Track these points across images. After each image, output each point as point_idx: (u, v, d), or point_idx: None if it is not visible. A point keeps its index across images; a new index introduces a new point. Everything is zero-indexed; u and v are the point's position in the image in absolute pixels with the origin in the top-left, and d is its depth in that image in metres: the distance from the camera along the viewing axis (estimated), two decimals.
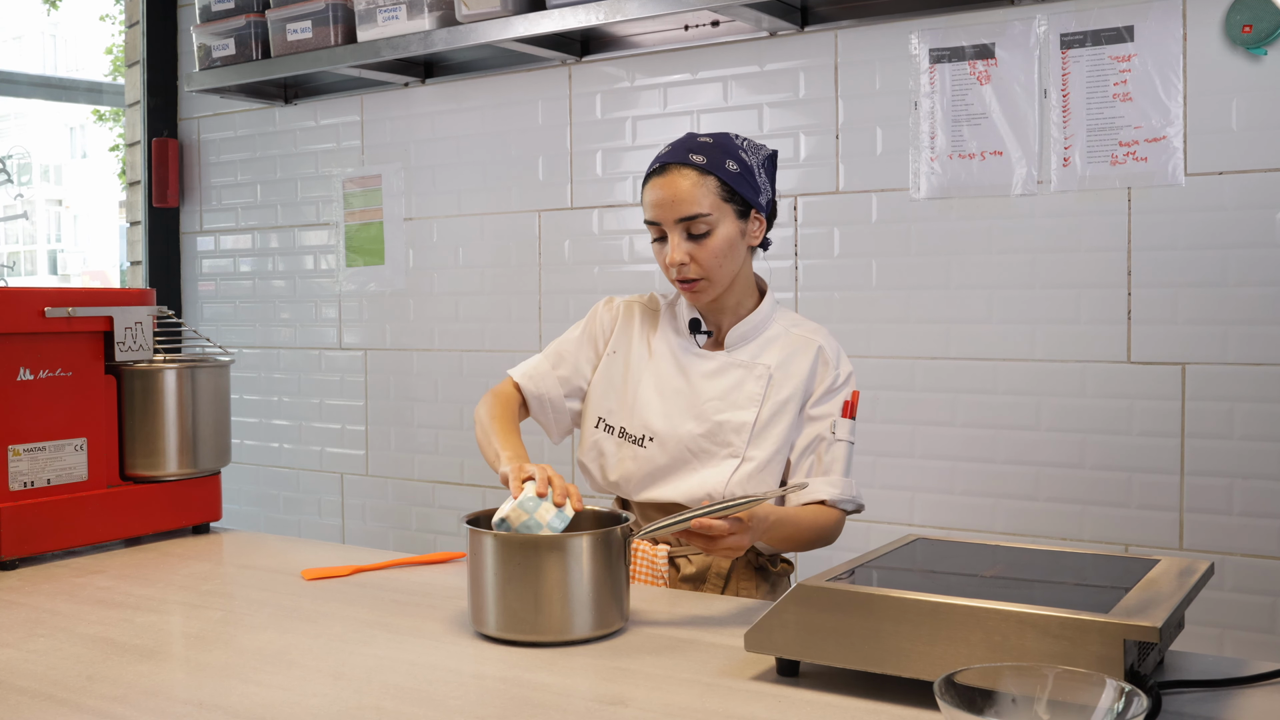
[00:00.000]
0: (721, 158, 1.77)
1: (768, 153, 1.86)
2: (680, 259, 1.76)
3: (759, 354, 1.85)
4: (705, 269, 1.77)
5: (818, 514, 1.80)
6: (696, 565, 1.84)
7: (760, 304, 1.88)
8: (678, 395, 1.85)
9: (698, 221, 1.75)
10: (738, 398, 1.82)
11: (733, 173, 1.77)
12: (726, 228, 1.77)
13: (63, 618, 1.63)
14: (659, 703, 1.24)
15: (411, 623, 1.58)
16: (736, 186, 1.77)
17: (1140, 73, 2.30)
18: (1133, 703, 0.93)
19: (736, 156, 1.78)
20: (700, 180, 1.75)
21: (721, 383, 1.84)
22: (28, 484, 1.99)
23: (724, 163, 1.77)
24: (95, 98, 8.73)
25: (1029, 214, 2.43)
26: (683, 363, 1.87)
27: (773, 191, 1.87)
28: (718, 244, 1.77)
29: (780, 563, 1.90)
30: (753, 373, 1.83)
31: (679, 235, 1.76)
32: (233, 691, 1.30)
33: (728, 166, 1.77)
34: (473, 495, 3.24)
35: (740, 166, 1.78)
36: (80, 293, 2.09)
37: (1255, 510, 2.25)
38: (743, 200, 1.78)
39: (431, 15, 2.92)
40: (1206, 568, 1.36)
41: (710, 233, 1.76)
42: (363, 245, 3.46)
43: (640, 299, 1.97)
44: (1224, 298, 2.26)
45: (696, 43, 2.83)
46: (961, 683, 0.97)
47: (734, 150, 1.79)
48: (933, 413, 2.56)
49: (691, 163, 1.76)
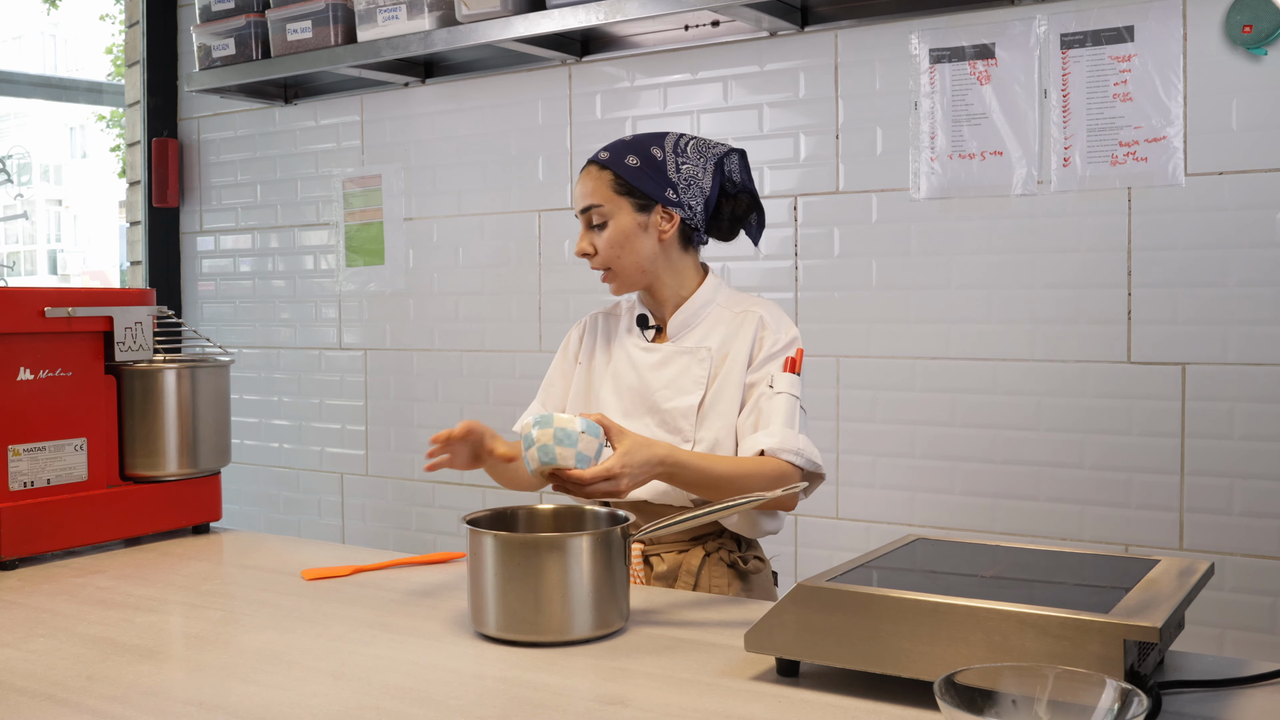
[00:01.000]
0: (625, 153, 1.87)
1: (721, 151, 1.90)
2: (584, 248, 1.89)
3: (703, 338, 1.89)
4: (605, 258, 1.88)
5: (746, 461, 1.74)
6: (668, 564, 1.85)
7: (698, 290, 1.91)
8: (631, 391, 1.90)
9: (591, 213, 1.87)
10: (684, 383, 1.86)
11: (631, 167, 1.85)
12: (621, 220, 1.86)
13: (63, 618, 1.63)
14: (659, 703, 1.24)
15: (411, 623, 1.58)
16: (633, 180, 1.84)
17: (1140, 73, 2.30)
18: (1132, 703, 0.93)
19: (644, 153, 1.86)
20: (599, 175, 1.87)
21: (668, 372, 1.88)
22: (28, 484, 1.99)
23: (624, 158, 1.86)
24: (95, 98, 8.73)
25: (1029, 214, 2.43)
26: (634, 359, 1.92)
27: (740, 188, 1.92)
28: (612, 234, 1.86)
29: (753, 560, 1.90)
30: (695, 357, 1.87)
31: (584, 226, 1.90)
32: (233, 691, 1.30)
33: (627, 161, 1.86)
34: (473, 495, 3.24)
35: (643, 162, 1.85)
36: (80, 293, 2.09)
37: (1255, 510, 2.25)
38: (642, 194, 1.85)
39: (431, 15, 2.92)
40: (1206, 568, 1.35)
41: (605, 224, 1.86)
42: (363, 245, 3.46)
43: (604, 309, 2.04)
44: (1224, 298, 2.26)
45: (696, 43, 2.83)
46: (961, 683, 0.97)
47: (645, 147, 1.87)
48: (933, 413, 2.56)
49: (597, 159, 1.88)
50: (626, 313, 2.00)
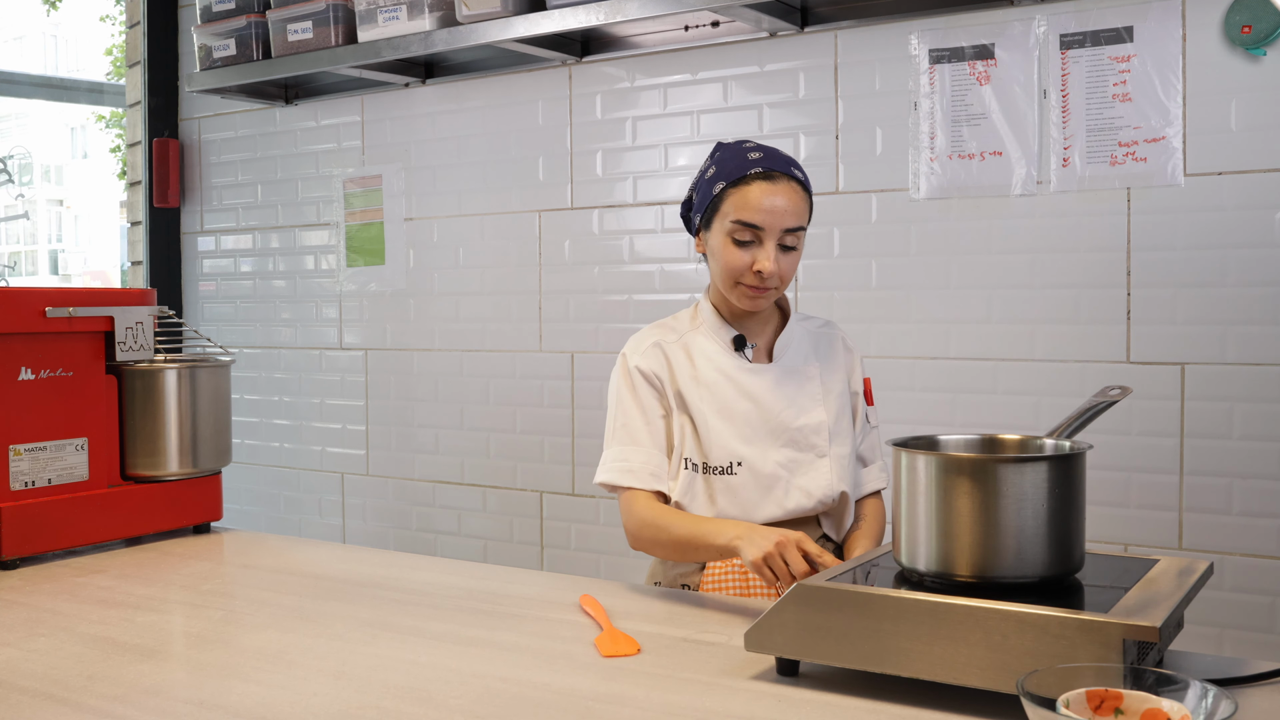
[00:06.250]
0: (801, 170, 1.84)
1: None
2: (775, 268, 1.76)
3: (803, 355, 1.89)
4: (784, 280, 1.80)
5: (881, 511, 1.95)
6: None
7: (787, 310, 1.93)
8: (747, 417, 1.82)
9: (796, 234, 1.79)
10: (804, 401, 1.85)
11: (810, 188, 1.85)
12: (802, 242, 1.83)
13: (63, 617, 1.64)
14: (659, 702, 1.24)
15: (411, 623, 1.58)
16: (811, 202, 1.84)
17: (1140, 73, 2.30)
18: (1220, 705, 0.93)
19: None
20: (804, 196, 1.80)
21: (785, 391, 1.84)
22: (28, 484, 1.99)
23: (806, 177, 1.84)
24: (96, 98, 8.73)
25: (1029, 214, 2.43)
26: (740, 382, 1.83)
27: None
28: (797, 258, 1.82)
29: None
30: (806, 374, 1.87)
31: (775, 244, 1.77)
32: (233, 691, 1.30)
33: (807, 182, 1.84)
34: (473, 495, 3.24)
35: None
36: (81, 293, 2.09)
37: (1255, 510, 2.25)
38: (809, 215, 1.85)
39: (432, 15, 2.93)
40: (1206, 567, 1.36)
41: (797, 247, 1.80)
42: (363, 245, 3.47)
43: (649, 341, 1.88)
44: (1223, 298, 2.26)
45: (696, 43, 2.83)
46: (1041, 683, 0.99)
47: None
48: (933, 413, 2.56)
49: (796, 177, 1.80)
50: (707, 335, 1.87)
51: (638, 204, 2.95)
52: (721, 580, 1.79)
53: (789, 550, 1.56)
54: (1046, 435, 1.41)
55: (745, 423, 1.81)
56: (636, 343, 1.89)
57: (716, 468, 1.81)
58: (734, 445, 1.80)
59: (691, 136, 2.86)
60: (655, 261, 2.91)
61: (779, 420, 1.82)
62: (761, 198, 1.75)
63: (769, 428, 1.82)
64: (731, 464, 1.81)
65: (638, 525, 1.79)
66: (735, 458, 1.80)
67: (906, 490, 1.31)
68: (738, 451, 1.80)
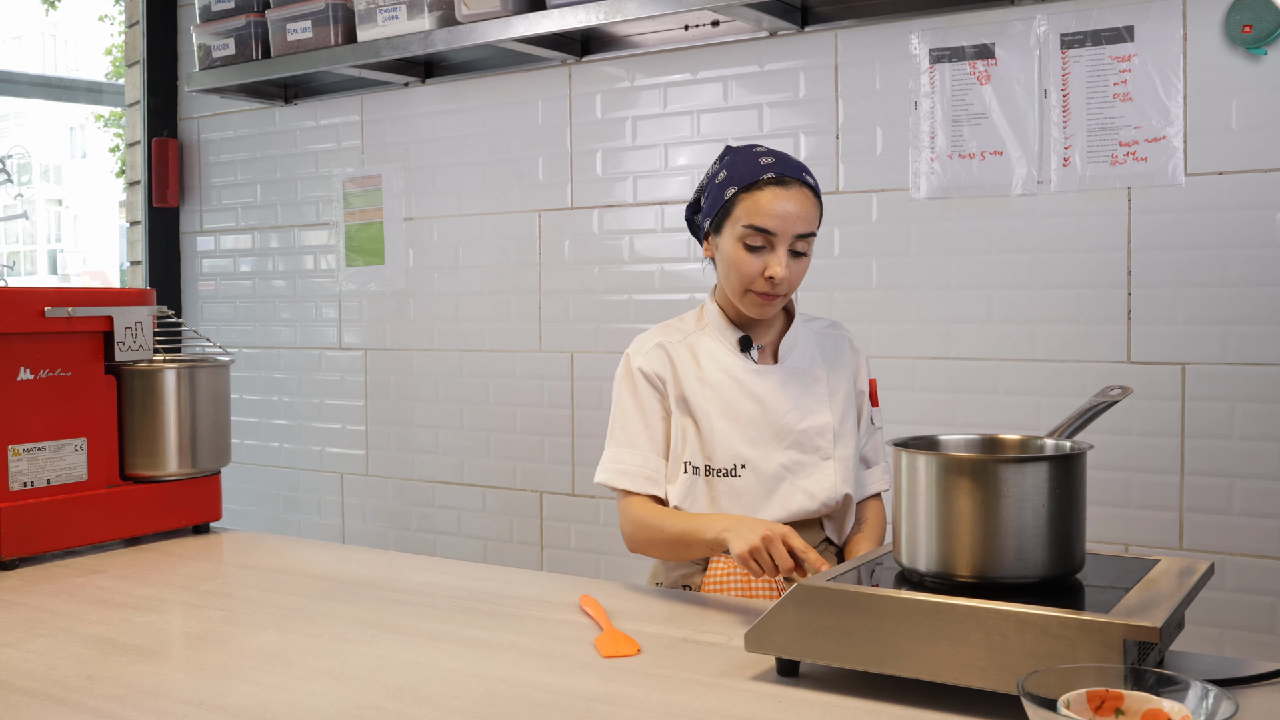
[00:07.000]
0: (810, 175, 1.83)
1: None
2: (785, 274, 1.76)
3: (809, 356, 1.89)
4: (793, 285, 1.79)
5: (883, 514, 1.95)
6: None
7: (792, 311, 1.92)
8: (752, 418, 1.82)
9: (808, 240, 1.78)
10: (809, 403, 1.84)
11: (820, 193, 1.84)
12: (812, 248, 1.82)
13: (63, 618, 1.63)
14: (659, 703, 1.24)
15: (411, 623, 1.58)
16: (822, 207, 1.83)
17: (1140, 73, 2.30)
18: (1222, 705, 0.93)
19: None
20: (815, 202, 1.80)
21: (790, 392, 1.84)
22: (28, 484, 1.99)
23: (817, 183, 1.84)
24: (95, 98, 8.73)
25: (1029, 214, 2.43)
26: (745, 384, 1.83)
27: None
28: (808, 264, 1.81)
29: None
30: (811, 375, 1.87)
31: (786, 249, 1.76)
32: (233, 691, 1.30)
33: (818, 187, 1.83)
34: (472, 495, 3.24)
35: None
36: (80, 293, 2.09)
37: (1255, 510, 2.25)
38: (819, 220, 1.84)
39: (431, 15, 2.92)
40: (1206, 568, 1.36)
41: (807, 253, 1.79)
42: (363, 245, 3.46)
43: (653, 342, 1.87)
44: (1224, 298, 2.26)
45: (696, 43, 2.83)
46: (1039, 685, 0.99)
47: None
48: (933, 413, 2.56)
49: (808, 182, 1.79)
50: (712, 336, 1.86)
51: (638, 204, 2.95)
52: (723, 581, 1.79)
53: (774, 545, 1.56)
54: (1047, 435, 1.41)
55: (750, 424, 1.81)
56: (640, 343, 1.89)
57: (720, 469, 1.81)
58: (738, 446, 1.80)
59: (691, 136, 2.86)
60: (655, 261, 2.91)
61: (784, 422, 1.81)
62: (774, 202, 1.74)
63: (774, 429, 1.81)
64: (735, 466, 1.80)
65: (633, 528, 1.81)
66: (739, 459, 1.80)
67: (907, 490, 1.31)
68: (742, 453, 1.80)
